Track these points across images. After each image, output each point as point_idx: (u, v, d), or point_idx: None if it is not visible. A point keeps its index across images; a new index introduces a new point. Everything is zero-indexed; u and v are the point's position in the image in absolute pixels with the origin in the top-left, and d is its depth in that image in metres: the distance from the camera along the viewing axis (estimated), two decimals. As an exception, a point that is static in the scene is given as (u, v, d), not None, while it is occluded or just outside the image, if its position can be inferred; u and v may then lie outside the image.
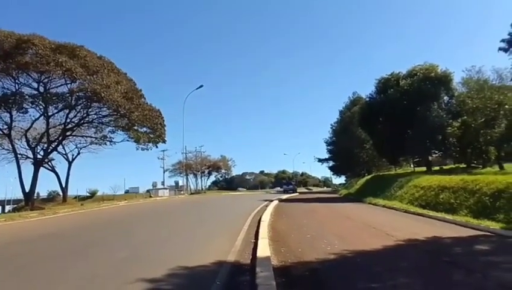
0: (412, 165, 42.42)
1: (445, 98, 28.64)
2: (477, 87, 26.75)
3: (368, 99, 33.79)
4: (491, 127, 26.18)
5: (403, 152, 31.56)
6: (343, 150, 52.17)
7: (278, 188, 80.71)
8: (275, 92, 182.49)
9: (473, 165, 30.96)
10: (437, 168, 33.67)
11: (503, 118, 25.71)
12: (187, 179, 69.86)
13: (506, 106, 25.06)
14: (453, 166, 34.86)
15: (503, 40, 22.27)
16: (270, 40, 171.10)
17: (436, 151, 32.73)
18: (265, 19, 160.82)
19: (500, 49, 22.40)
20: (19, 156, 33.92)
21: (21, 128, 34.28)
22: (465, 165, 31.09)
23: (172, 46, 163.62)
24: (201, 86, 49.80)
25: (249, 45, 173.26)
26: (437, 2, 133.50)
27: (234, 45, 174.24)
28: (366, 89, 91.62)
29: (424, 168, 32.23)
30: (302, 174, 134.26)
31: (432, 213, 13.37)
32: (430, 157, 32.30)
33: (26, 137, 34.16)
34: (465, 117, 27.01)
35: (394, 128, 27.17)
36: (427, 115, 25.90)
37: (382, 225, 11.13)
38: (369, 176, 41.51)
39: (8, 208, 56.97)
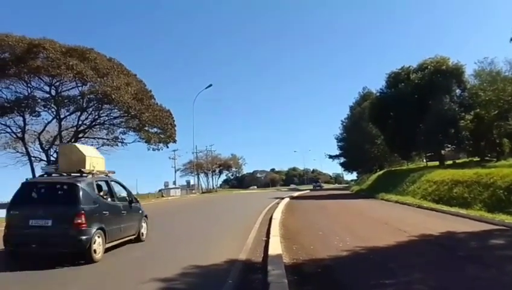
0: (424, 160, 41.88)
1: (457, 90, 28.24)
2: (489, 79, 26.28)
3: (378, 94, 33.51)
4: (504, 119, 25.75)
5: (415, 147, 31.23)
6: (354, 146, 51.85)
7: (292, 186, 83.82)
8: (285, 90, 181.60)
9: (486, 158, 30.46)
10: (450, 162, 33.22)
11: (517, 110, 25.28)
12: (198, 178, 70.17)
13: (520, 98, 24.62)
14: (466, 160, 34.36)
15: (515, 30, 21.84)
16: (279, 36, 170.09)
17: (449, 145, 32.31)
18: (275, 15, 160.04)
19: (512, 39, 21.97)
20: (32, 158, 34.38)
21: (34, 131, 34.69)
22: (478, 159, 30.62)
23: (181, 45, 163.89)
24: (210, 85, 49.94)
25: (259, 41, 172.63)
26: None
27: (244, 42, 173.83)
28: (377, 84, 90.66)
29: (436, 163, 31.83)
30: (313, 171, 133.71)
31: (445, 208, 13.22)
32: (442, 152, 31.90)
33: (39, 140, 34.57)
34: (478, 110, 26.61)
35: (405, 122, 26.89)
36: (439, 108, 25.59)
37: (395, 220, 11.05)
38: (381, 172, 41.17)
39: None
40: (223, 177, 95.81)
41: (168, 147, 40.96)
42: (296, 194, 35.28)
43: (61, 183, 7.05)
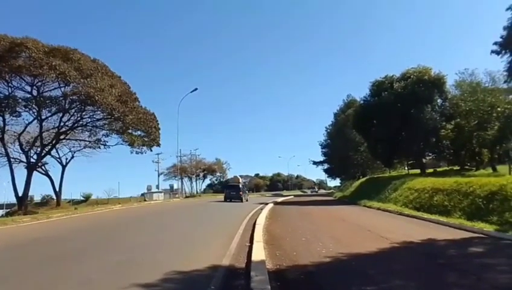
0: (406, 168, 42.56)
1: (439, 100, 28.82)
2: (470, 90, 26.99)
3: (362, 102, 33.93)
4: (484, 129, 26.41)
5: (397, 154, 31.71)
6: (338, 153, 52.35)
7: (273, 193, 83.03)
8: (270, 94, 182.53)
9: (466, 167, 31.16)
10: (431, 170, 33.84)
11: (496, 121, 25.94)
12: (182, 182, 69.65)
13: (499, 108, 25.28)
14: (446, 168, 35.05)
15: (495, 43, 22.39)
16: (263, 41, 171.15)
17: (430, 154, 32.95)
18: (259, 19, 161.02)
19: (492, 52, 22.51)
20: (12, 160, 33.60)
21: (14, 132, 33.98)
22: (458, 168, 31.29)
23: (166, 47, 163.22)
24: (196, 89, 49.80)
25: (242, 46, 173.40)
26: (429, 5, 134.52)
27: (228, 46, 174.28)
28: (361, 92, 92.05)
29: (418, 171, 32.39)
30: (297, 177, 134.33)
31: (426, 215, 13.44)
32: (424, 160, 32.47)
33: (19, 141, 33.85)
34: (459, 119, 27.23)
35: (388, 130, 27.28)
36: (420, 117, 26.06)
37: (377, 227, 11.16)
38: (364, 179, 41.66)
39: (0, 212, 56.37)
40: (207, 181, 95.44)
41: (151, 151, 40.76)
42: (280, 199, 35.36)
43: (236, 184, 37.12)
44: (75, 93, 31.15)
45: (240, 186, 35.49)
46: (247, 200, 33.82)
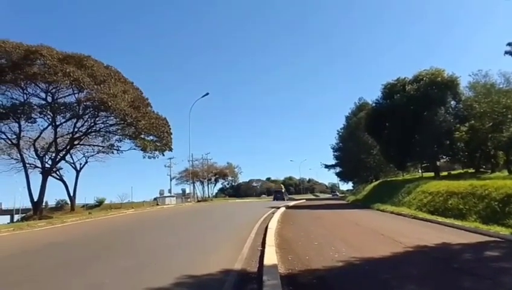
0: (419, 171, 42.12)
1: (452, 102, 28.51)
2: (484, 91, 26.58)
3: (374, 104, 33.75)
4: (499, 131, 25.98)
5: (411, 157, 31.40)
6: (350, 156, 52.08)
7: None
8: (281, 99, 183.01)
9: (481, 170, 30.68)
10: (445, 173, 33.41)
11: (511, 122, 25.50)
12: (194, 186, 70.07)
13: (514, 109, 24.86)
14: (461, 171, 34.58)
15: (509, 44, 22.14)
16: (275, 45, 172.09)
17: (444, 156, 32.53)
18: (271, 25, 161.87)
19: (506, 52, 22.26)
20: (27, 165, 34.25)
21: (29, 138, 34.69)
22: (473, 170, 30.82)
23: (178, 53, 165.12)
24: (207, 93, 50.41)
25: (255, 50, 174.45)
26: (442, 7, 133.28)
27: (239, 49, 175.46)
28: (372, 95, 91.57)
29: (432, 174, 32.00)
30: (309, 180, 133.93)
31: (440, 219, 13.23)
32: (438, 163, 32.09)
33: (34, 146, 34.51)
34: (473, 121, 26.85)
35: (401, 133, 27.05)
36: (434, 119, 25.78)
37: (390, 231, 11.04)
38: (377, 182, 41.28)
39: (16, 217, 57.38)
40: (219, 185, 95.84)
41: (164, 155, 41.13)
42: (292, 203, 35.21)
43: (280, 189, 62.40)
44: (88, 99, 31.67)
45: (283, 191, 62.39)
46: (287, 200, 51.16)
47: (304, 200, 48.75)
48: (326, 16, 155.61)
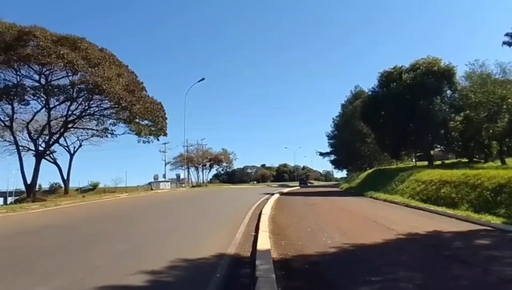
0: (413, 160, 42.37)
1: (448, 92, 28.53)
2: (480, 82, 26.58)
3: (370, 93, 33.71)
4: (493, 121, 26.09)
5: (405, 146, 31.54)
6: (344, 144, 52.21)
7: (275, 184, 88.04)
8: (277, 85, 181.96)
9: (475, 159, 30.92)
10: (439, 162, 33.65)
11: (506, 113, 25.61)
12: (188, 172, 70.02)
13: (509, 100, 24.92)
14: (455, 160, 34.83)
15: (507, 34, 22.07)
16: (271, 32, 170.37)
17: (438, 146, 32.75)
18: (267, 10, 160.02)
19: (504, 43, 22.20)
20: (20, 148, 34.02)
21: (23, 120, 34.36)
22: (467, 160, 31.06)
23: (174, 37, 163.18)
24: (203, 79, 49.99)
25: (250, 36, 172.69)
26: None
27: (236, 37, 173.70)
28: (369, 83, 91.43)
29: (425, 163, 32.19)
30: (304, 168, 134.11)
31: (432, 207, 13.35)
32: (431, 152, 32.27)
33: (27, 129, 34.22)
34: (468, 111, 26.92)
35: (396, 122, 27.10)
36: (429, 109, 25.83)
37: (383, 218, 11.13)
38: (371, 170, 41.49)
39: (10, 199, 57.31)
40: (214, 171, 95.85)
41: (158, 140, 41.00)
42: (286, 190, 35.38)
43: (304, 177, 78.59)
44: (82, 82, 31.29)
45: (305, 179, 74.85)
46: (309, 185, 61.16)
47: (298, 187, 49.06)
48: (324, 3, 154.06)
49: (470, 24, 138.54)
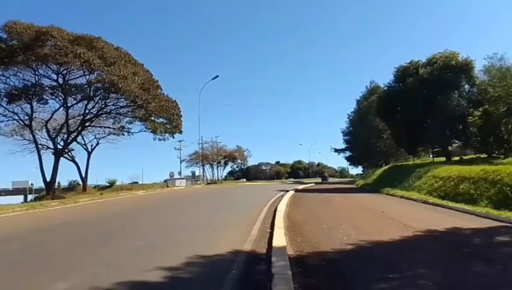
0: (431, 156, 41.68)
1: (466, 86, 27.94)
2: (499, 75, 25.96)
3: (386, 88, 33.27)
4: (513, 116, 25.49)
5: (422, 142, 31.08)
6: (360, 140, 51.64)
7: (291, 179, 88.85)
8: (291, 83, 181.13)
9: (494, 155, 30.24)
10: (457, 158, 33.04)
11: (526, 107, 25.01)
12: (203, 169, 70.45)
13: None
14: (473, 156, 34.13)
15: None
16: (286, 30, 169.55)
17: (456, 141, 32.11)
18: (283, 7, 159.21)
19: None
20: (39, 146, 34.74)
21: (41, 119, 35.12)
22: (486, 156, 30.41)
23: (188, 36, 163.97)
24: (217, 76, 50.30)
25: (265, 35, 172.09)
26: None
27: (251, 35, 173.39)
28: (384, 78, 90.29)
29: (443, 159, 31.68)
30: (318, 164, 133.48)
31: (451, 204, 13.15)
32: (449, 147, 31.69)
33: (46, 128, 34.91)
34: (487, 106, 26.37)
35: (413, 117, 26.70)
36: (447, 103, 25.37)
37: (400, 215, 11.01)
38: (387, 167, 41.01)
39: (30, 197, 58.63)
40: (228, 168, 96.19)
41: (174, 138, 41.32)
42: (301, 187, 35.25)
43: (324, 174, 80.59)
44: (99, 80, 31.74)
45: (326, 175, 79.64)
46: (328, 180, 69.88)
47: (313, 184, 48.82)
48: (340, 0, 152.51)
49: (489, 17, 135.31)
